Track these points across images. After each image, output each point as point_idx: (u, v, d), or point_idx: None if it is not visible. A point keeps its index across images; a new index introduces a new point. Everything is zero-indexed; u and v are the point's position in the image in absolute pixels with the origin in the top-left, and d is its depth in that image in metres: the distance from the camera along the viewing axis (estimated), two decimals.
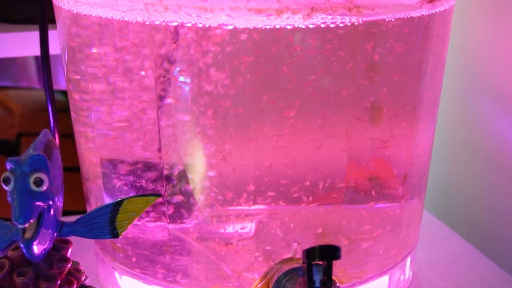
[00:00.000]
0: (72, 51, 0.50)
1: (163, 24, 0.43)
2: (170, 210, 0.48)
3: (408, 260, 0.56)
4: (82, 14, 0.46)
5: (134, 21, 0.44)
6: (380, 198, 0.50)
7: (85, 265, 0.47)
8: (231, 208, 0.47)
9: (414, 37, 0.47)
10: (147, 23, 0.43)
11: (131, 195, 0.48)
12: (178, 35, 0.43)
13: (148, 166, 0.48)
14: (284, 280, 0.46)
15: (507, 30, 0.64)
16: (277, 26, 0.42)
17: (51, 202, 0.41)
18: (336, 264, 0.44)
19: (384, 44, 0.45)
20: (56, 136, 0.61)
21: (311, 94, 0.45)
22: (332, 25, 0.43)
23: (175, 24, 0.43)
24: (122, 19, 0.44)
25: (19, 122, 1.06)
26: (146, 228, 0.50)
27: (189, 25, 0.42)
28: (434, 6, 0.47)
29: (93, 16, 0.45)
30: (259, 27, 0.42)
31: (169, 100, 0.45)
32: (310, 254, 0.43)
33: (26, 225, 0.40)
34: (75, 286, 0.43)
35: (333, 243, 0.48)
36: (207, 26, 0.42)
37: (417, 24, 0.46)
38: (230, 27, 0.42)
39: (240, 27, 0.42)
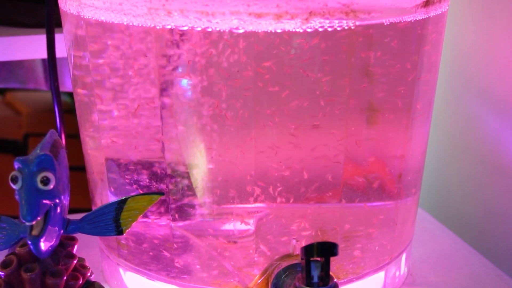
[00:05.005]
0: (78, 54, 0.50)
1: (166, 27, 0.43)
2: (173, 208, 0.49)
3: (403, 256, 0.57)
4: (87, 18, 0.47)
5: (138, 25, 0.44)
6: (376, 196, 0.51)
7: (90, 261, 0.48)
8: (232, 206, 0.48)
9: (409, 40, 0.47)
10: (151, 26, 0.44)
11: (135, 193, 0.49)
12: (180, 38, 0.44)
13: (152, 165, 0.49)
14: (283, 276, 0.47)
15: (499, 33, 0.64)
16: (277, 30, 0.43)
17: (57, 200, 0.41)
18: (333, 260, 0.45)
19: (380, 47, 0.46)
20: (63, 136, 0.61)
21: (309, 96, 0.45)
22: (329, 29, 0.43)
23: (178, 28, 0.43)
24: (126, 23, 0.45)
25: (26, 122, 1.06)
26: (150, 225, 0.50)
27: (190, 29, 0.43)
28: (429, 10, 0.47)
29: (98, 20, 0.46)
30: (259, 31, 0.42)
31: (171, 101, 0.46)
32: (308, 250, 0.43)
33: (34, 222, 0.40)
34: (80, 282, 0.44)
35: (330, 240, 0.48)
36: (208, 29, 0.43)
37: (412, 28, 0.47)
38: (231, 31, 0.43)
39: (241, 31, 0.43)
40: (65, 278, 0.43)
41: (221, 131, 0.46)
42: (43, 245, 0.42)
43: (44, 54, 0.62)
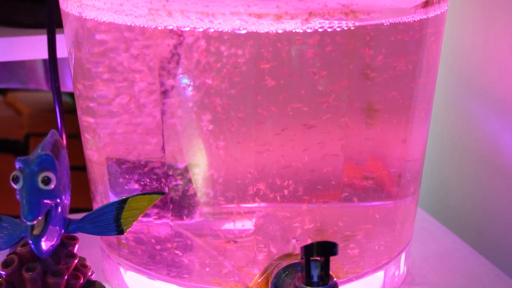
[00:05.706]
0: (79, 54, 0.50)
1: (168, 28, 0.43)
2: (173, 208, 0.49)
3: (403, 256, 0.57)
4: (88, 18, 0.47)
5: (138, 26, 0.44)
6: (376, 196, 0.51)
7: (91, 261, 0.48)
8: (232, 205, 0.48)
9: (409, 40, 0.47)
10: (152, 27, 0.44)
11: (135, 193, 0.49)
12: (181, 39, 0.44)
13: (152, 165, 0.49)
14: (283, 275, 0.47)
15: (499, 33, 0.64)
16: (277, 31, 0.43)
17: (58, 200, 0.41)
18: (333, 260, 0.45)
19: (380, 48, 0.46)
20: (63, 136, 0.61)
21: (309, 95, 0.45)
22: (329, 30, 0.43)
23: (179, 28, 0.43)
24: (127, 23, 0.45)
25: (27, 123, 1.06)
26: (150, 225, 0.51)
27: (192, 29, 0.43)
28: (428, 11, 0.48)
29: (99, 21, 0.46)
30: (259, 31, 0.43)
31: (172, 101, 0.46)
32: (308, 250, 0.43)
33: (35, 222, 0.40)
34: (81, 281, 0.44)
35: (330, 239, 0.48)
36: (208, 30, 0.43)
37: (411, 28, 0.47)
38: (231, 31, 0.43)
39: (242, 31, 0.43)
40: (66, 277, 0.43)
41: (222, 130, 0.46)
42: (44, 245, 0.42)
43: (45, 55, 0.62)
